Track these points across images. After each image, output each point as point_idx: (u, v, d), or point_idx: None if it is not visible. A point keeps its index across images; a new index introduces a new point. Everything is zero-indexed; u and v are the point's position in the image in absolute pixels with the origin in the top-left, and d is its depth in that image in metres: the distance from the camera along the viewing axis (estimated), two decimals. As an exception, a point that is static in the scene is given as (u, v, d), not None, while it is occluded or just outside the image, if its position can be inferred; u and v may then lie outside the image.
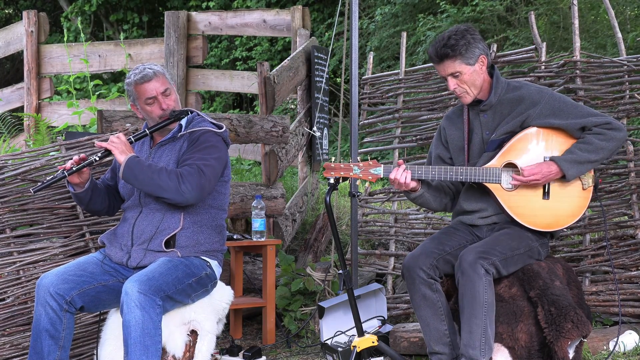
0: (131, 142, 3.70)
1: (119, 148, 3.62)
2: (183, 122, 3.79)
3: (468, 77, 3.61)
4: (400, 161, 3.64)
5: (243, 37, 12.63)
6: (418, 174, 3.61)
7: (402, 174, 3.60)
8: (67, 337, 3.53)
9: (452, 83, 3.64)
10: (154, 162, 3.72)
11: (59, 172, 3.66)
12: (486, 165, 3.62)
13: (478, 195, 3.71)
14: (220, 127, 3.80)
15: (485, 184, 3.62)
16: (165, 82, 3.75)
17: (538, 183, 3.58)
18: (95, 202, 3.82)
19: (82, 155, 3.69)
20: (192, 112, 3.83)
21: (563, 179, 3.59)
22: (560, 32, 9.16)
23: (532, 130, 3.63)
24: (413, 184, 3.64)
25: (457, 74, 3.61)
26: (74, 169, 3.64)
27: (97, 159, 3.67)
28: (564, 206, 3.63)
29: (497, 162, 3.62)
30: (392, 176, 3.60)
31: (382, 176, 3.62)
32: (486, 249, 3.50)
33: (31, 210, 4.18)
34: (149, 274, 3.46)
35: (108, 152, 3.65)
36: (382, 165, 3.63)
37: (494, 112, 3.69)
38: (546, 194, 3.61)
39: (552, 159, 3.58)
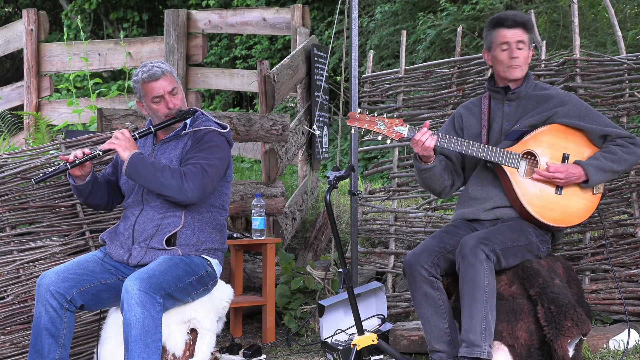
0: (135, 139, 3.71)
1: (123, 145, 3.63)
2: (187, 120, 3.80)
3: (526, 53, 3.74)
4: (427, 123, 3.63)
5: (243, 36, 12.64)
6: (441, 142, 3.63)
7: (428, 138, 3.59)
8: (68, 336, 3.53)
9: (518, 50, 3.72)
10: (157, 160, 3.73)
11: (62, 164, 3.67)
12: (507, 149, 3.66)
13: (487, 182, 3.74)
14: (224, 127, 3.80)
15: (504, 167, 3.64)
16: (173, 81, 3.76)
17: (560, 182, 3.63)
18: (94, 196, 3.82)
19: (85, 150, 3.70)
20: (196, 111, 3.84)
21: (584, 183, 3.64)
22: (560, 31, 9.16)
23: (555, 125, 3.70)
24: (431, 152, 3.65)
25: (522, 46, 3.72)
26: (76, 161, 3.65)
27: (101, 153, 3.68)
28: (573, 205, 3.68)
29: (517, 148, 3.67)
30: (417, 137, 3.60)
31: (405, 136, 3.61)
32: (487, 236, 3.53)
33: (31, 208, 4.18)
34: (149, 271, 3.46)
35: (112, 148, 3.66)
36: (408, 125, 3.63)
37: (518, 104, 3.77)
38: (559, 189, 3.66)
39: (577, 162, 3.65)
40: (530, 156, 3.67)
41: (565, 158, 3.67)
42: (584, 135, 3.72)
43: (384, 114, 3.68)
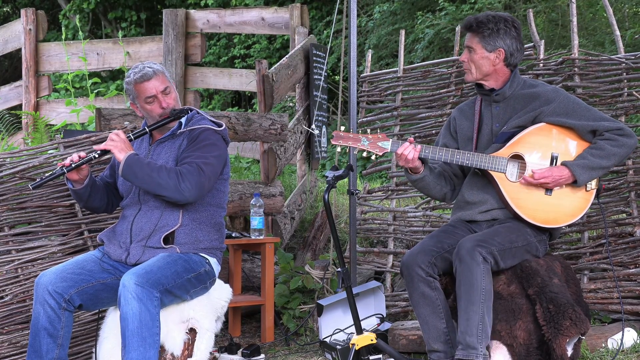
0: (130, 140, 3.71)
1: (118, 146, 3.63)
2: (182, 119, 3.80)
3: (478, 58, 3.71)
4: (411, 139, 3.65)
5: (241, 35, 12.63)
6: (425, 153, 3.64)
7: (410, 151, 3.61)
8: (66, 336, 3.53)
9: (464, 55, 3.76)
10: (153, 160, 3.72)
11: (58, 168, 3.67)
12: (494, 154, 3.64)
13: (481, 186, 3.72)
14: (219, 125, 3.80)
15: (490, 172, 3.63)
16: (165, 80, 3.76)
17: (548, 187, 3.61)
18: (94, 199, 3.82)
19: (81, 153, 3.70)
20: (191, 110, 3.84)
21: (574, 183, 3.61)
22: (558, 30, 9.16)
23: (543, 125, 3.67)
24: (417, 163, 3.66)
25: (472, 49, 3.71)
26: (73, 165, 3.64)
27: (97, 155, 3.68)
28: (565, 204, 3.65)
29: (504, 152, 3.65)
30: (399, 151, 3.62)
31: (389, 150, 3.65)
32: (485, 238, 3.52)
33: (29, 208, 4.18)
34: (146, 267, 3.47)
35: (108, 150, 3.66)
36: (390, 140, 3.65)
37: (507, 105, 3.74)
38: (549, 190, 3.63)
39: (564, 163, 3.60)
40: (519, 158, 3.65)
41: (554, 158, 3.63)
42: (573, 132, 3.67)
43: (368, 130, 3.68)
